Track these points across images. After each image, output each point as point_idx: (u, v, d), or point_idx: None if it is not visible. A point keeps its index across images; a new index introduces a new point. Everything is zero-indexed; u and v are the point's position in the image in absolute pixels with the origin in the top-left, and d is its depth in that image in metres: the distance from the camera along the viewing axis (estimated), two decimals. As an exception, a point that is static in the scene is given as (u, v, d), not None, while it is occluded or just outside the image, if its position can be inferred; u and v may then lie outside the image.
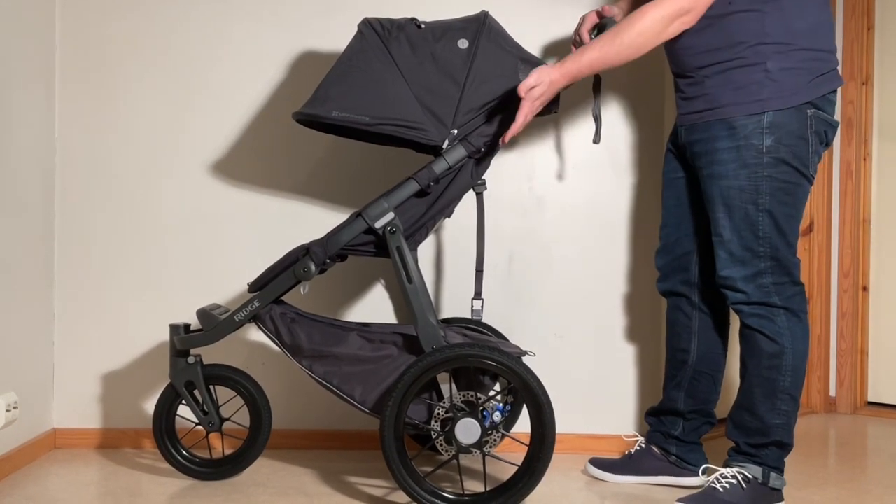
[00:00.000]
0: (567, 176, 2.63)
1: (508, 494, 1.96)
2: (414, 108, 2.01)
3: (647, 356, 2.61)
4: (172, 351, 2.19)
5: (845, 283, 3.35)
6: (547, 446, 1.95)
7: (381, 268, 2.60)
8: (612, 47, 1.99)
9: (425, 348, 2.01)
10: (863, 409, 3.37)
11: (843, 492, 2.27)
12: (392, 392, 1.96)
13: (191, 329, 2.20)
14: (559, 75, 2.03)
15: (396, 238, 2.04)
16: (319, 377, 2.06)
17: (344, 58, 2.07)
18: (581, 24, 2.32)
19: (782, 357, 2.02)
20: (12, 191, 2.30)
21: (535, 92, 2.01)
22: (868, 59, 3.33)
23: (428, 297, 2.05)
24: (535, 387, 1.95)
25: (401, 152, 2.45)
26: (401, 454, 1.97)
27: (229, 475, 2.27)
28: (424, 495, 1.97)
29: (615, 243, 2.62)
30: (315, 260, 2.06)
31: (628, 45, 1.98)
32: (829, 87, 2.00)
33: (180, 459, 2.26)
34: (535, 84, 2.01)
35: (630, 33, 1.97)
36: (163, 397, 2.24)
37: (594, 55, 2.01)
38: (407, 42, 2.05)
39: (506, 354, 1.97)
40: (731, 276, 2.03)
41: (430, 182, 2.05)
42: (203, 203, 2.59)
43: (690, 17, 1.98)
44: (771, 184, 1.98)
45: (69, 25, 2.57)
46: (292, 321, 2.10)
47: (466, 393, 2.01)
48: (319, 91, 2.04)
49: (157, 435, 2.24)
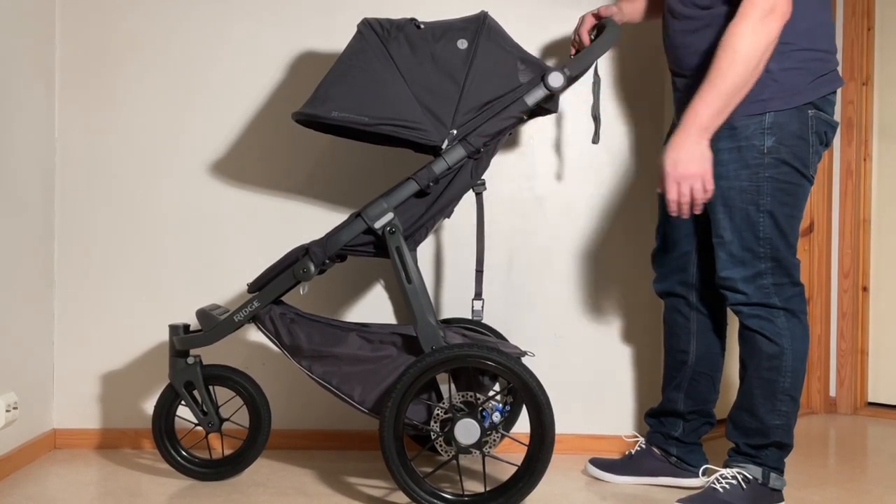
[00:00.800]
0: (567, 176, 2.63)
1: (508, 495, 1.96)
2: (413, 108, 2.01)
3: (647, 356, 2.61)
4: (172, 351, 2.19)
5: (845, 283, 3.35)
6: (546, 446, 1.95)
7: (381, 268, 2.60)
8: (722, 81, 1.88)
9: (425, 349, 2.01)
10: (863, 409, 3.37)
11: (843, 492, 2.27)
12: (391, 392, 1.96)
13: (190, 329, 2.20)
14: (696, 139, 1.92)
15: (396, 238, 2.04)
16: (318, 377, 2.06)
17: (344, 58, 2.06)
18: (581, 25, 2.32)
19: (782, 358, 2.02)
20: (12, 191, 2.30)
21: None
22: (868, 60, 3.33)
23: (427, 297, 2.05)
24: (534, 387, 1.94)
25: (400, 152, 2.45)
26: (400, 455, 1.97)
27: (229, 476, 2.27)
28: (424, 496, 1.97)
29: (615, 243, 2.62)
30: (314, 260, 2.06)
31: (729, 68, 1.87)
32: (829, 87, 2.00)
33: (180, 460, 2.26)
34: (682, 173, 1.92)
35: (728, 56, 1.87)
36: (162, 398, 2.24)
37: (711, 97, 1.90)
38: (406, 42, 2.05)
39: (505, 355, 1.96)
40: (731, 276, 2.03)
41: (430, 182, 2.05)
42: (203, 203, 2.59)
43: (780, 11, 1.86)
44: (772, 184, 1.98)
45: (69, 25, 2.57)
46: (291, 321, 2.10)
47: (466, 393, 2.01)
48: (319, 91, 2.04)
49: (157, 435, 2.24)
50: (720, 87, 1.88)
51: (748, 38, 1.86)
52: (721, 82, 1.88)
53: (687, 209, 1.95)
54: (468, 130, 2.05)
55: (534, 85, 2.07)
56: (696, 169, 1.92)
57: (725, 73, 1.88)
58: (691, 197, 1.93)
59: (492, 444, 1.99)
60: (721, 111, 1.91)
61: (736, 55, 1.87)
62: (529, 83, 2.08)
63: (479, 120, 2.06)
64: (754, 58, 1.87)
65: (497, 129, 2.06)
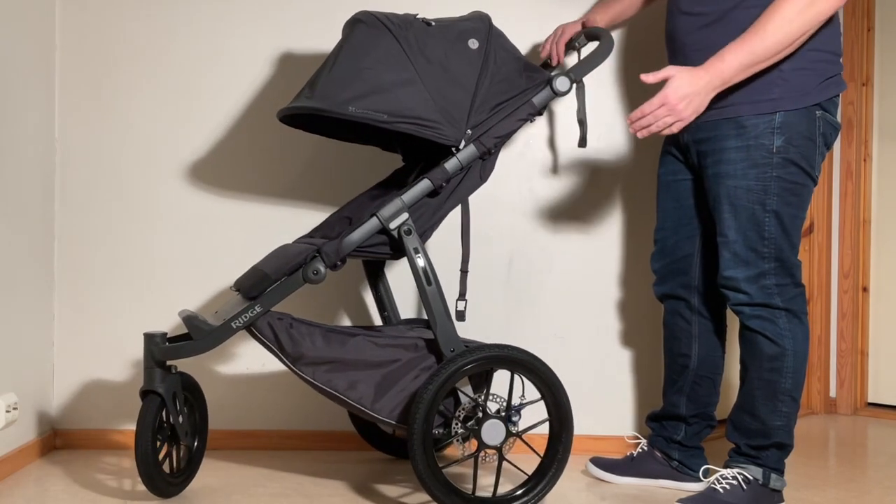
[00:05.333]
0: (567, 176, 2.63)
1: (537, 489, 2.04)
2: (430, 106, 1.98)
3: (648, 356, 2.61)
4: (151, 362, 1.99)
5: (845, 283, 3.35)
6: (565, 445, 2.03)
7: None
8: (761, 42, 1.85)
9: (444, 352, 1.99)
10: (863, 409, 3.37)
11: (844, 492, 2.27)
12: (421, 396, 1.93)
13: (167, 337, 2.02)
14: (711, 88, 1.90)
15: (413, 239, 2.01)
16: (322, 384, 2.00)
17: (350, 51, 2.01)
18: (560, 36, 2.37)
19: (783, 359, 2.02)
20: (12, 191, 2.29)
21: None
22: (868, 60, 3.33)
23: (445, 299, 2.02)
24: (558, 385, 2.03)
25: (390, 155, 2.43)
26: (430, 463, 1.93)
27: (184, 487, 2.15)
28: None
29: (615, 244, 2.62)
30: (327, 262, 1.98)
31: (774, 32, 1.84)
32: (836, 90, 2.00)
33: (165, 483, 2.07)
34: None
35: (776, 21, 1.84)
36: (148, 412, 1.99)
37: (743, 53, 1.86)
38: (418, 39, 2.01)
39: (531, 354, 2.01)
40: (734, 276, 2.03)
41: (443, 182, 2.04)
42: (203, 203, 2.59)
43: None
44: (779, 184, 1.98)
45: (69, 25, 2.57)
46: (290, 327, 2.01)
47: (495, 395, 2.01)
48: (325, 87, 1.98)
49: (152, 456, 2.00)
50: (756, 48, 1.86)
51: (802, 9, 1.84)
52: (760, 42, 1.86)
53: (646, 134, 1.94)
54: (481, 131, 2.04)
55: (540, 88, 2.09)
56: (690, 113, 1.92)
57: (768, 36, 1.85)
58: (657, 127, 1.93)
59: (510, 446, 2.02)
60: (745, 69, 1.89)
61: (784, 21, 1.84)
62: (535, 86, 2.09)
63: (491, 121, 2.05)
64: (800, 30, 1.86)
65: (509, 131, 2.07)
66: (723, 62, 1.89)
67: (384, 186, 2.29)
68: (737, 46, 1.88)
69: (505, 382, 2.02)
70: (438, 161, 2.04)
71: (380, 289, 2.36)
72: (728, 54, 1.89)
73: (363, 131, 2.30)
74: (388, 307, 2.36)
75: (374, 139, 2.33)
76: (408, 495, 2.17)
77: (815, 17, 1.86)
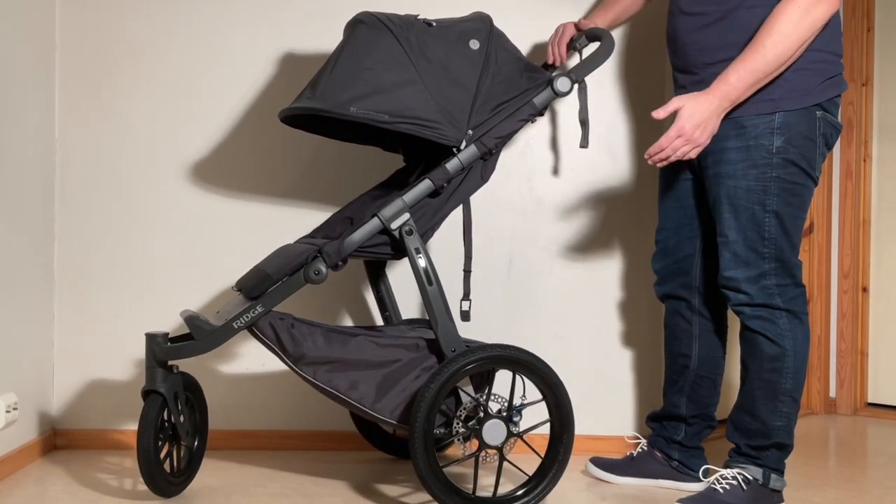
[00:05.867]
0: (567, 176, 2.63)
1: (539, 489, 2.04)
2: (431, 107, 1.98)
3: (648, 356, 2.61)
4: (153, 361, 2.00)
5: (845, 283, 3.36)
6: (566, 446, 2.03)
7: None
8: (762, 58, 1.87)
9: (446, 352, 1.99)
10: (863, 409, 3.37)
11: (844, 493, 2.27)
12: (422, 396, 1.93)
13: (168, 337, 2.02)
14: (720, 111, 1.92)
15: (414, 239, 2.01)
16: (323, 384, 2.00)
17: (351, 51, 2.01)
18: (561, 36, 2.37)
19: (784, 359, 2.02)
20: (12, 191, 2.29)
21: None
22: (868, 61, 3.33)
23: (446, 299, 2.02)
24: (560, 386, 2.03)
25: (390, 155, 2.43)
26: (432, 464, 1.93)
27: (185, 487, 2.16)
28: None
29: (616, 244, 2.62)
30: (328, 262, 1.98)
31: (773, 48, 1.86)
32: (836, 90, 2.00)
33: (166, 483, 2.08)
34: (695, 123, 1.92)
35: (773, 36, 1.86)
36: (152, 412, 2.00)
37: (746, 72, 1.89)
38: (419, 40, 2.01)
39: (533, 354, 2.01)
40: (734, 276, 2.03)
41: (444, 182, 2.04)
42: (204, 203, 2.59)
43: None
44: (779, 185, 1.98)
45: (69, 25, 2.57)
46: (291, 327, 2.01)
47: (496, 395, 2.01)
48: (325, 87, 1.98)
49: (154, 458, 2.00)
50: (758, 65, 1.88)
51: (797, 21, 1.85)
52: (761, 59, 1.88)
53: (665, 164, 1.98)
54: (482, 132, 2.04)
55: (541, 89, 2.10)
56: (706, 138, 1.95)
57: (767, 52, 1.87)
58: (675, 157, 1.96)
59: (511, 446, 2.02)
60: (751, 87, 1.91)
61: (781, 37, 1.86)
62: (536, 87, 2.10)
63: (492, 121, 2.05)
64: (798, 41, 1.87)
65: (510, 131, 2.07)
66: (728, 84, 1.91)
67: (385, 187, 2.28)
68: (739, 66, 1.90)
69: (506, 383, 2.02)
70: (439, 161, 2.04)
71: (381, 289, 2.36)
72: (732, 75, 1.91)
73: (364, 132, 2.30)
74: (389, 307, 2.36)
75: (376, 139, 2.33)
76: (408, 495, 2.17)
77: (811, 25, 1.87)
